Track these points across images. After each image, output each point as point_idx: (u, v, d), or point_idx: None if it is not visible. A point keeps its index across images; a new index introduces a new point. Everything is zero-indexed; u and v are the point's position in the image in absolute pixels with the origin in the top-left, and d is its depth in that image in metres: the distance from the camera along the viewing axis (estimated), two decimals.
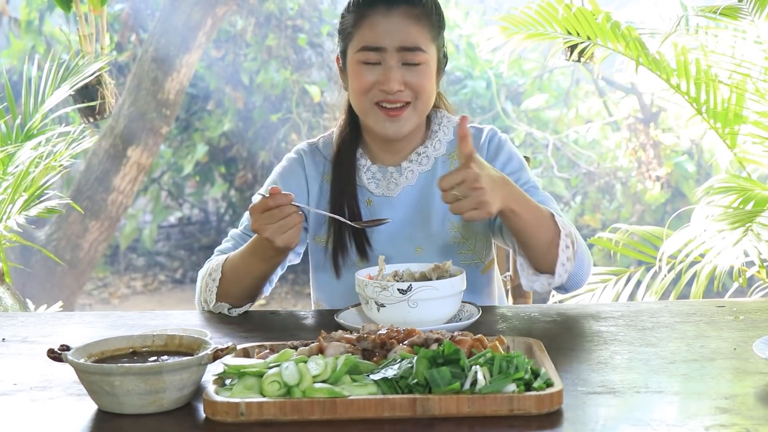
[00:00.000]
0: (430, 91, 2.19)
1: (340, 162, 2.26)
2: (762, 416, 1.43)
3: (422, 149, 2.27)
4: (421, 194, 2.25)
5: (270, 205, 1.95)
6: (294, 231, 1.97)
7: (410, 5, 2.16)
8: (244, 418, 1.43)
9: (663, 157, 6.67)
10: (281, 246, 1.97)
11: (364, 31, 2.16)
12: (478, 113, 7.14)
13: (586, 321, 2.04)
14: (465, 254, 2.24)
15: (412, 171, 2.26)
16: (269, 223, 1.95)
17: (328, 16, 7.39)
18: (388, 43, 2.14)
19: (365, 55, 2.15)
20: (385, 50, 2.14)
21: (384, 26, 2.14)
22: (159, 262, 7.87)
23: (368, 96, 2.16)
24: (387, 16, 2.14)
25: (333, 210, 2.21)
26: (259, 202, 1.97)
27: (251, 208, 1.99)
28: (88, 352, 1.57)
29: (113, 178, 5.86)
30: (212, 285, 2.13)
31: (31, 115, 3.58)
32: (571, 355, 1.78)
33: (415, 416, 1.43)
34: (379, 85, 2.14)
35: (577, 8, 3.72)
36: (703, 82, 3.58)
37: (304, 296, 6.99)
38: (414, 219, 2.24)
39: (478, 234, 2.25)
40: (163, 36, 5.90)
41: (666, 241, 3.37)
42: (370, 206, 2.25)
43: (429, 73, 2.17)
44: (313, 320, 2.09)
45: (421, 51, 2.15)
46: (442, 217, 2.23)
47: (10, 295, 3.19)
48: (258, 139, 7.36)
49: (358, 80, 2.17)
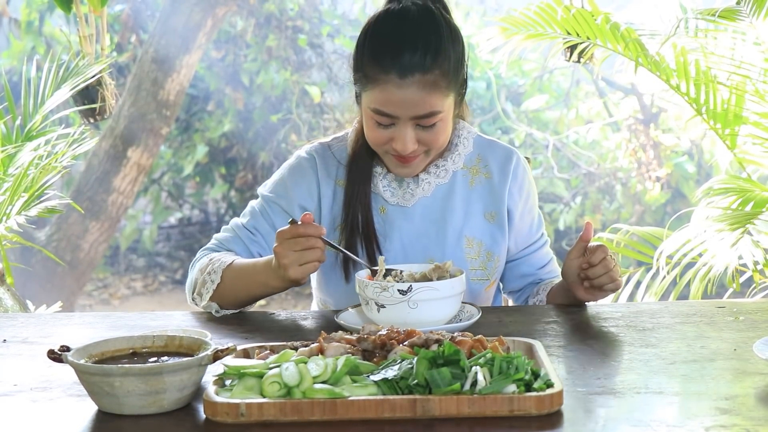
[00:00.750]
0: (444, 140, 2.14)
1: (356, 167, 2.22)
2: (762, 417, 1.44)
3: (441, 162, 2.24)
4: (437, 207, 2.23)
5: (300, 233, 1.93)
6: (312, 266, 1.95)
7: (424, 73, 2.04)
8: (245, 419, 1.43)
9: (663, 157, 6.67)
10: (293, 278, 1.94)
11: (376, 94, 2.07)
12: (479, 114, 7.14)
13: (586, 322, 2.04)
14: (475, 271, 2.23)
15: (429, 183, 2.23)
16: (292, 249, 1.93)
17: (329, 16, 7.39)
18: (402, 114, 2.06)
19: (378, 116, 2.08)
20: (398, 117, 2.07)
21: (397, 96, 2.04)
22: (159, 262, 7.88)
23: (381, 147, 2.14)
24: (401, 87, 2.04)
25: (346, 215, 2.20)
26: (290, 228, 1.93)
27: (280, 232, 1.95)
28: (88, 353, 1.57)
29: (113, 179, 5.86)
30: (210, 285, 2.11)
31: (31, 116, 3.58)
32: (571, 356, 1.78)
33: (416, 417, 1.43)
34: (392, 142, 2.10)
35: (577, 9, 3.72)
36: (702, 83, 3.58)
37: (305, 297, 6.99)
38: (428, 231, 2.23)
39: (493, 255, 2.25)
40: (164, 37, 5.90)
41: (664, 242, 3.38)
42: (383, 214, 2.23)
43: (444, 126, 2.11)
44: (313, 321, 2.09)
45: (435, 114, 2.07)
46: (458, 232, 2.23)
47: (11, 295, 3.19)
48: (258, 140, 7.37)
49: (371, 133, 2.12)
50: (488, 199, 2.26)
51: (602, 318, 2.05)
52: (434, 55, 2.05)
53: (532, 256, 2.32)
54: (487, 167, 2.27)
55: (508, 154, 2.28)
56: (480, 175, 2.27)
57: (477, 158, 2.28)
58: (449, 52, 2.08)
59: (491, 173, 2.27)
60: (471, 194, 2.26)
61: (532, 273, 2.33)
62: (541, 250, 2.33)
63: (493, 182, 2.26)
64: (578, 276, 2.10)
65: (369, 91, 2.09)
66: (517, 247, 2.30)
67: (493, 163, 2.27)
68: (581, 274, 2.09)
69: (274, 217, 2.23)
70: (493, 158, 2.28)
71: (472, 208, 2.25)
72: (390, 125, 2.09)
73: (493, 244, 2.25)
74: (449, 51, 2.08)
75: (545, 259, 2.34)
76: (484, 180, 2.27)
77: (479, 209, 2.25)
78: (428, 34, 2.07)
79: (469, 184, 2.26)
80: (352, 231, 2.19)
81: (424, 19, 2.09)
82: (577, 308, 2.15)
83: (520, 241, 2.30)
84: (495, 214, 2.25)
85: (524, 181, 2.28)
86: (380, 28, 2.10)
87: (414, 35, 2.06)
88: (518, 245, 2.30)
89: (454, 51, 2.09)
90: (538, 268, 2.33)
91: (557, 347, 1.82)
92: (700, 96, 3.61)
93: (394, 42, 2.06)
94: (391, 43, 2.06)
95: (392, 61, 2.04)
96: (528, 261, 2.32)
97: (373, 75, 2.07)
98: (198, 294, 2.14)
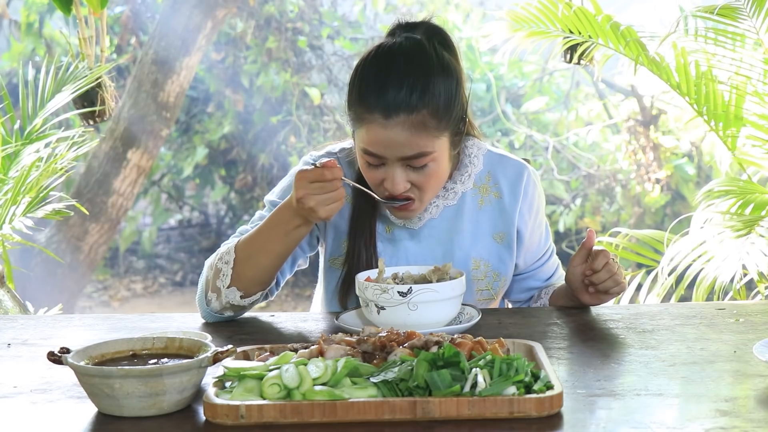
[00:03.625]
0: (438, 182, 2.09)
1: (363, 187, 2.13)
2: (762, 419, 1.43)
3: (450, 184, 2.19)
4: (445, 228, 2.20)
5: (326, 177, 1.90)
6: (338, 205, 1.93)
7: (410, 112, 1.97)
8: (244, 421, 1.43)
9: (663, 159, 6.67)
10: (322, 217, 1.92)
11: (363, 134, 2.02)
12: (478, 116, 7.14)
13: (586, 324, 2.04)
14: (481, 291, 2.22)
15: (437, 205, 2.19)
16: (317, 193, 1.90)
17: (329, 18, 7.39)
18: (389, 155, 2.01)
19: (367, 156, 2.03)
20: (386, 158, 2.02)
21: (382, 137, 1.99)
22: (159, 264, 7.88)
23: (378, 189, 2.09)
24: (385, 127, 1.98)
25: (351, 234, 2.18)
26: (314, 170, 1.91)
27: (301, 173, 1.91)
28: (88, 355, 1.57)
29: (113, 181, 5.86)
30: (226, 269, 2.04)
31: (30, 119, 3.57)
32: (571, 358, 1.78)
33: (415, 419, 1.43)
34: (385, 182, 2.05)
35: (577, 7, 3.72)
36: (702, 83, 3.58)
37: (304, 299, 7.00)
38: (435, 252, 2.20)
39: (500, 276, 2.24)
40: (163, 39, 5.90)
41: (668, 249, 3.37)
42: (389, 233, 2.20)
43: (437, 167, 2.04)
44: (313, 323, 2.09)
45: (425, 156, 2.01)
46: (466, 253, 2.20)
47: (10, 297, 3.19)
48: (258, 142, 7.37)
49: (365, 173, 2.08)
50: (498, 220, 2.22)
51: (602, 320, 2.05)
52: (421, 94, 1.98)
53: (539, 271, 2.31)
54: (497, 185, 2.23)
55: (519, 172, 2.23)
56: (490, 195, 2.23)
57: (487, 176, 2.23)
58: (439, 89, 1.99)
59: (501, 192, 2.22)
60: (480, 215, 2.22)
61: (538, 286, 2.32)
62: (548, 263, 2.32)
63: (503, 202, 2.22)
64: (582, 282, 2.10)
65: (358, 130, 2.04)
66: (526, 263, 2.29)
67: (504, 182, 2.23)
68: (585, 281, 2.09)
69: None
70: (503, 176, 2.23)
71: (481, 229, 2.22)
72: (380, 165, 2.04)
73: (501, 264, 2.23)
74: (439, 89, 1.99)
75: (551, 270, 2.33)
76: (494, 200, 2.23)
77: (488, 230, 2.22)
78: (415, 72, 1.99)
79: (479, 204, 2.22)
80: (357, 258, 2.16)
81: (413, 56, 2.02)
82: (577, 310, 2.15)
83: (528, 258, 2.28)
84: (504, 235, 2.23)
85: (534, 197, 2.25)
86: (369, 66, 2.04)
87: (400, 73, 1.99)
88: (527, 262, 2.29)
89: (445, 88, 2.01)
90: (544, 280, 2.32)
91: (557, 349, 1.82)
92: (701, 96, 3.61)
93: (379, 80, 2.00)
94: (376, 81, 2.00)
95: (377, 100, 1.98)
96: (535, 275, 2.31)
97: (360, 114, 2.02)
98: (213, 291, 2.06)
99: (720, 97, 3.61)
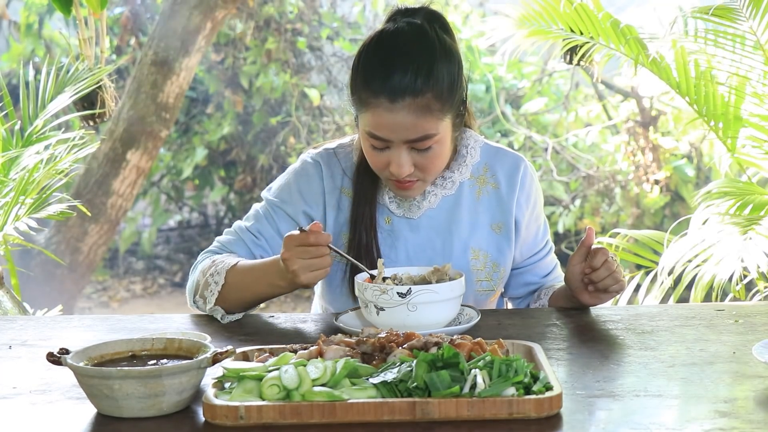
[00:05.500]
0: (441, 164, 2.12)
1: (362, 178, 2.20)
2: (761, 420, 1.44)
3: (448, 173, 2.23)
4: (443, 218, 2.23)
5: (310, 242, 1.92)
6: (322, 273, 1.95)
7: (415, 96, 2.01)
8: (244, 422, 1.43)
9: (662, 160, 6.67)
10: (303, 283, 1.95)
11: (369, 118, 2.05)
12: (478, 117, 7.14)
13: (586, 325, 2.04)
14: (481, 282, 2.23)
15: (436, 195, 2.22)
16: (301, 257, 1.93)
17: (328, 19, 7.39)
18: (394, 137, 2.04)
19: (372, 140, 2.07)
20: (391, 141, 2.05)
21: (389, 120, 2.02)
22: (158, 265, 7.87)
23: (382, 173, 2.12)
24: (391, 111, 2.01)
25: (352, 224, 2.19)
26: (299, 235, 1.93)
27: (288, 236, 1.95)
28: (87, 356, 1.57)
29: (113, 182, 5.85)
30: (214, 288, 2.09)
31: (30, 120, 3.57)
32: (571, 359, 1.78)
33: (415, 420, 1.43)
34: (390, 165, 2.07)
35: (579, 3, 3.72)
36: (702, 84, 3.58)
37: (304, 300, 6.99)
38: (434, 243, 2.22)
39: (499, 266, 2.25)
40: (163, 39, 5.90)
41: (667, 250, 3.37)
42: (389, 224, 2.22)
43: (441, 149, 2.08)
44: (312, 324, 2.09)
45: (429, 138, 2.04)
46: (464, 243, 2.22)
47: (10, 298, 3.18)
48: (257, 143, 7.37)
49: (369, 157, 2.11)
50: (495, 210, 2.25)
51: (601, 321, 2.05)
52: (426, 77, 2.01)
53: (536, 265, 2.32)
54: (494, 177, 2.26)
55: (516, 163, 2.27)
56: (487, 185, 2.26)
57: (484, 167, 2.26)
58: (442, 73, 2.03)
59: (499, 183, 2.25)
60: (478, 205, 2.24)
61: (536, 282, 2.32)
62: (545, 258, 2.33)
63: (500, 193, 2.25)
64: (582, 281, 2.10)
65: (363, 114, 2.07)
66: (522, 256, 2.30)
67: (501, 173, 2.26)
68: (585, 279, 2.09)
69: (279, 223, 2.23)
70: (500, 167, 2.26)
71: (479, 219, 2.24)
72: (385, 148, 2.07)
73: (499, 255, 2.24)
74: (442, 72, 2.04)
75: (549, 266, 2.34)
76: (492, 190, 2.25)
77: (486, 220, 2.25)
78: (420, 56, 2.03)
79: (476, 195, 2.25)
80: (358, 242, 2.17)
81: (417, 40, 2.05)
82: (576, 311, 2.15)
83: (525, 250, 2.30)
84: (502, 225, 2.25)
85: (531, 189, 2.27)
86: (372, 50, 2.08)
87: (405, 57, 2.03)
88: (523, 254, 2.30)
89: (448, 72, 2.05)
90: (542, 276, 2.33)
91: (556, 350, 1.82)
92: (701, 97, 3.61)
93: (384, 65, 2.03)
94: (381, 66, 2.03)
95: (382, 84, 2.01)
96: (533, 270, 2.32)
97: (366, 98, 2.04)
98: (201, 297, 2.13)
99: (720, 98, 3.61)
